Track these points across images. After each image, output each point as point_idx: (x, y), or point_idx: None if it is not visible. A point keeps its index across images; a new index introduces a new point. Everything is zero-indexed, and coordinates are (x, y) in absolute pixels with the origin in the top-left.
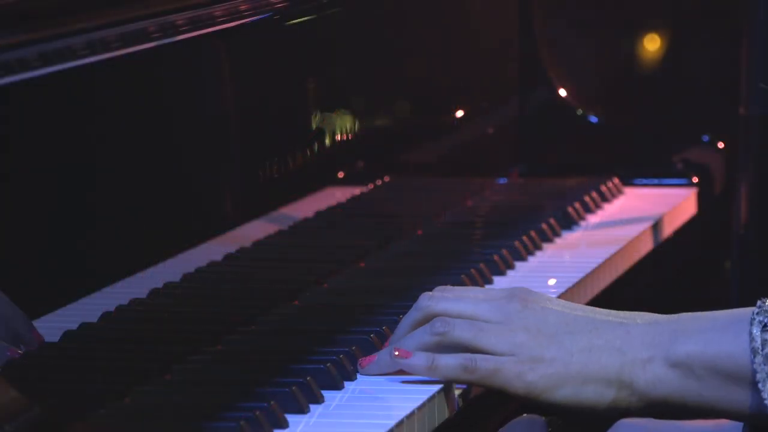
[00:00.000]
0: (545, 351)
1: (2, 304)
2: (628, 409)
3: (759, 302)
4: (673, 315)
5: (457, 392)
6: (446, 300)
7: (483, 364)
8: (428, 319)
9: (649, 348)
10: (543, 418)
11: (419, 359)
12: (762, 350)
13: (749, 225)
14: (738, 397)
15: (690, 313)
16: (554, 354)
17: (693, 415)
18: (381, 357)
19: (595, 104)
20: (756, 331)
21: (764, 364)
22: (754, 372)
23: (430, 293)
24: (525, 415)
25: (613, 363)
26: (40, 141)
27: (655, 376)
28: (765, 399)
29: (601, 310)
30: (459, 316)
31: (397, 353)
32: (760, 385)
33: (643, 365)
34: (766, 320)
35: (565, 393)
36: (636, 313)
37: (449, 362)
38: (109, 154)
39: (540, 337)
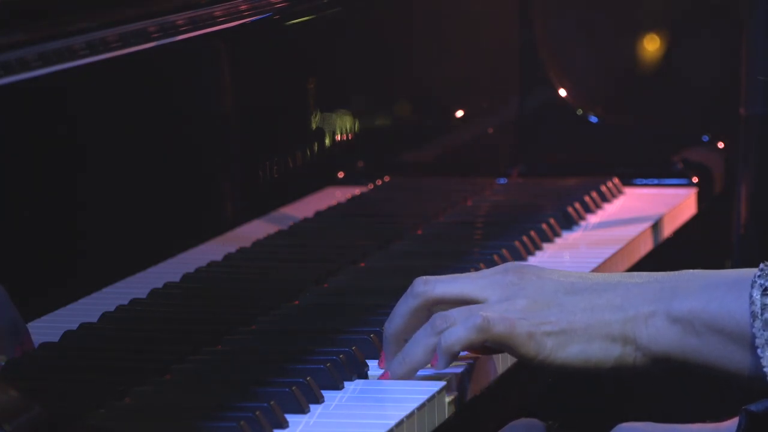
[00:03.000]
0: (549, 315)
1: (6, 299)
2: (634, 365)
3: (762, 265)
4: (672, 272)
5: (448, 399)
6: (442, 282)
7: (496, 318)
8: (426, 304)
9: (651, 303)
10: (541, 422)
11: (443, 361)
12: (761, 315)
13: (749, 225)
14: (737, 357)
15: (691, 270)
16: (557, 315)
17: (697, 374)
18: (394, 371)
19: (595, 104)
20: (756, 294)
21: (764, 330)
22: (753, 336)
23: (424, 278)
24: (523, 418)
25: (615, 319)
26: (40, 141)
27: (657, 331)
28: (764, 366)
29: (596, 274)
30: (458, 297)
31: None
32: (759, 351)
33: (645, 320)
34: (766, 284)
35: (574, 351)
36: (631, 273)
37: (461, 335)
38: (109, 154)
39: (541, 303)
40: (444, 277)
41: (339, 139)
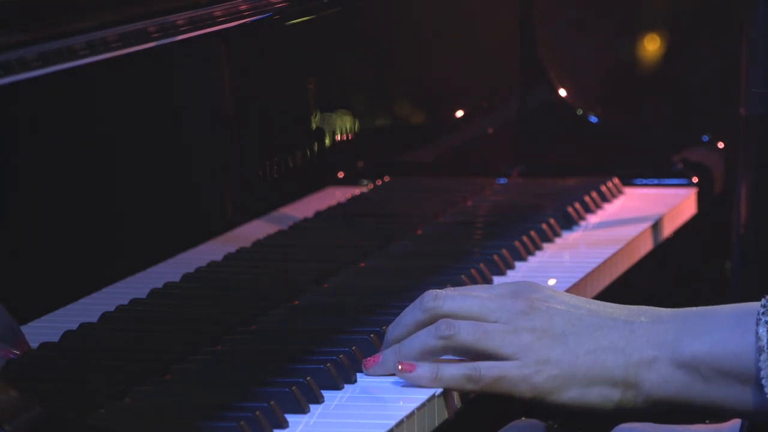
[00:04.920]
0: (551, 352)
1: None
2: (634, 408)
3: (764, 300)
4: (677, 311)
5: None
6: (452, 299)
7: (487, 372)
8: (433, 320)
9: (654, 348)
10: (542, 422)
11: (423, 371)
12: (767, 349)
13: (749, 225)
14: (743, 395)
15: (694, 310)
16: (560, 356)
17: (697, 412)
18: (386, 358)
19: (595, 104)
20: (762, 331)
21: None
22: (759, 370)
23: (435, 292)
24: (524, 418)
25: (618, 364)
26: (40, 141)
27: (661, 377)
28: None
29: (606, 305)
30: (465, 317)
31: (401, 367)
32: (763, 381)
33: (649, 365)
34: None
35: (572, 395)
36: (640, 308)
37: (453, 373)
38: (108, 154)
39: (545, 339)
40: (454, 292)
41: (339, 139)
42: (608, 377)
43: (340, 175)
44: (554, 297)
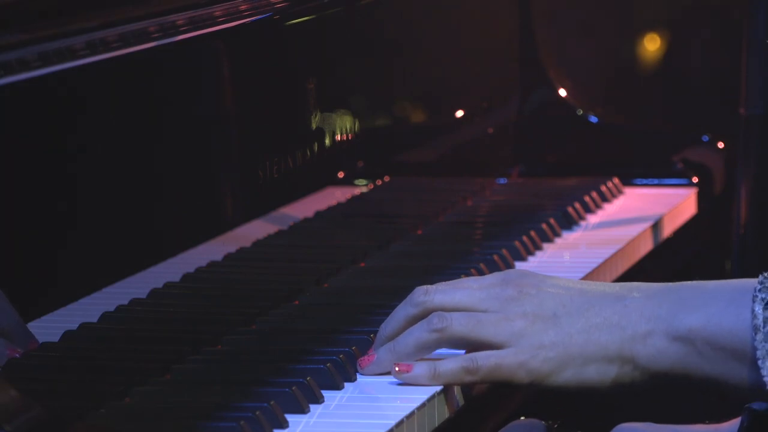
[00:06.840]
0: (544, 336)
1: (7, 303)
2: (632, 384)
3: (761, 277)
4: (670, 286)
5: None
6: (442, 293)
7: (484, 362)
8: (424, 314)
9: (649, 321)
10: (542, 422)
11: (421, 369)
12: (763, 328)
13: (749, 225)
14: (738, 372)
15: (688, 284)
16: (553, 338)
17: (696, 387)
18: (380, 356)
19: (595, 104)
20: (758, 308)
21: (765, 342)
22: (755, 349)
23: (425, 287)
24: (523, 418)
25: (613, 340)
26: (40, 141)
27: (657, 350)
28: (764, 376)
29: (597, 284)
30: (456, 309)
31: (397, 368)
32: (759, 362)
33: (644, 339)
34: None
35: (569, 375)
36: (632, 284)
37: (451, 367)
38: (109, 154)
39: (538, 323)
40: (444, 286)
41: (339, 139)
42: (603, 353)
43: (340, 175)
44: (544, 281)
